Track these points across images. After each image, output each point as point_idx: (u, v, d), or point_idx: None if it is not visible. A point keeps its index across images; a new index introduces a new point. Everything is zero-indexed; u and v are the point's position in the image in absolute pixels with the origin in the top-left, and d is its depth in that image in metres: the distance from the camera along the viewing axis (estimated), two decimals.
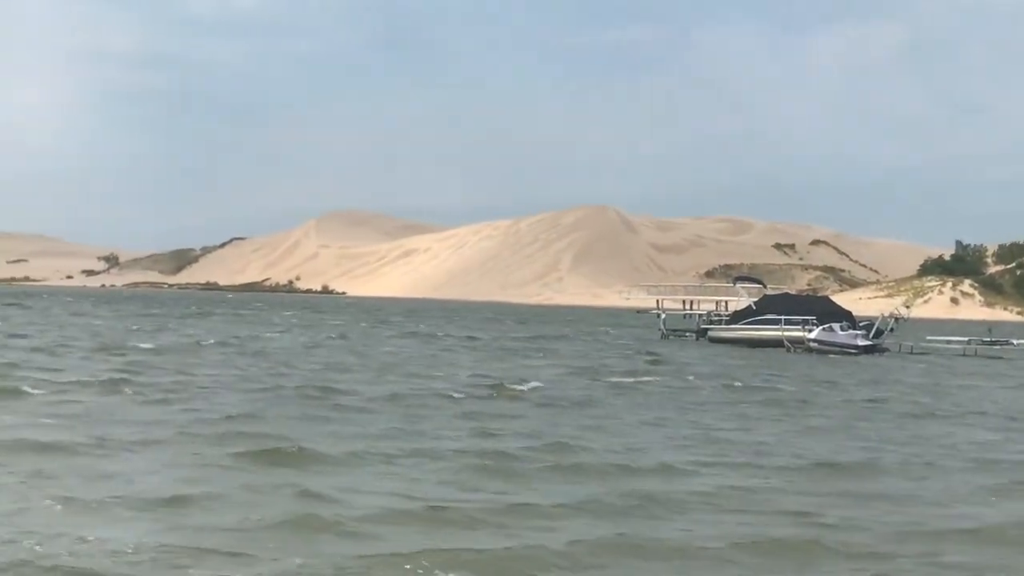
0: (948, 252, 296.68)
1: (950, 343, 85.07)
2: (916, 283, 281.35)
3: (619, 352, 70.10)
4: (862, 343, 75.72)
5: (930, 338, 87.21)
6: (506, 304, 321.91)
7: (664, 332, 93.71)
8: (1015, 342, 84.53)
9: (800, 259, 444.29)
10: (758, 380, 48.49)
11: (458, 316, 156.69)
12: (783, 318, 79.69)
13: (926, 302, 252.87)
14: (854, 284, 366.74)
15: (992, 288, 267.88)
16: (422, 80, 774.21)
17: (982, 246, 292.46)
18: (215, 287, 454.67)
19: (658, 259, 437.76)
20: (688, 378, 47.96)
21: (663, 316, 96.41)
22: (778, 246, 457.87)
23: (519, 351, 67.26)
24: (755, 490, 20.43)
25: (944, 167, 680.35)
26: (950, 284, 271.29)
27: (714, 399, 38.82)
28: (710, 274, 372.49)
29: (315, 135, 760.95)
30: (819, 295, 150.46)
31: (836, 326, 77.93)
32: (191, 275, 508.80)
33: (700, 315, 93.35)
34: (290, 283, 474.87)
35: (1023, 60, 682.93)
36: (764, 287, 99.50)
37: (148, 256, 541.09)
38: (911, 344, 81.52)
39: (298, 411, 30.16)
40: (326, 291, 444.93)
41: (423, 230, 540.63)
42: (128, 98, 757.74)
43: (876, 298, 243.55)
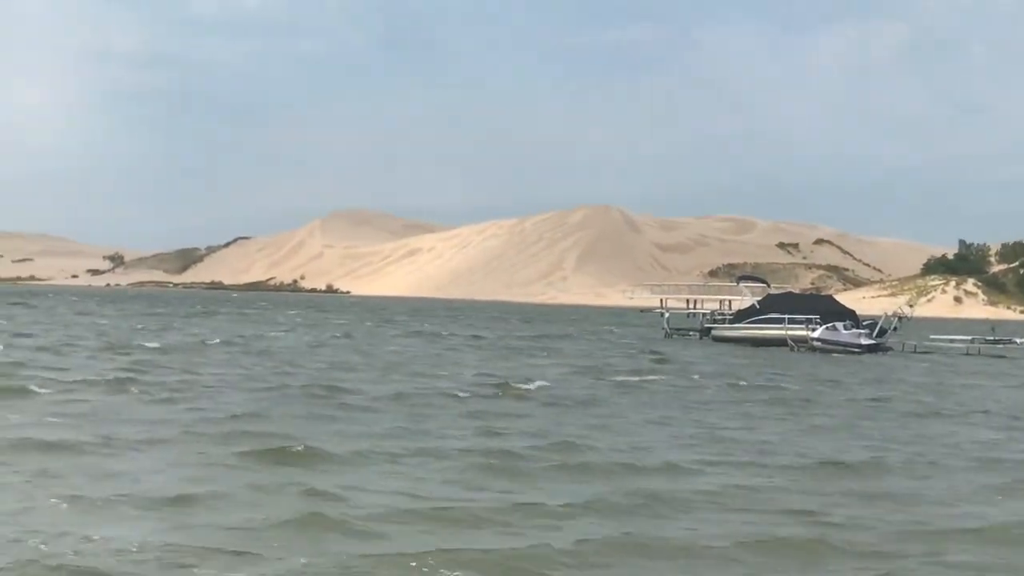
0: (951, 251, 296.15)
1: (953, 342, 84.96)
2: (919, 282, 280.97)
3: (623, 351, 70.11)
4: (865, 342, 75.71)
5: (933, 337, 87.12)
6: (510, 303, 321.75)
7: (668, 331, 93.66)
8: (1018, 341, 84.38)
9: (804, 258, 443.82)
10: (762, 379, 48.50)
11: (463, 315, 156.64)
12: (787, 317, 79.57)
13: (929, 301, 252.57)
14: (857, 283, 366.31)
15: (995, 287, 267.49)
16: (424, 80, 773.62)
17: (985, 245, 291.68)
18: (220, 286, 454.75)
19: (662, 258, 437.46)
20: (693, 377, 47.97)
21: (667, 315, 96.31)
22: (782, 245, 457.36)
23: (524, 350, 67.27)
24: (760, 489, 20.46)
25: (947, 166, 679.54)
26: (953, 283, 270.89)
27: (718, 398, 38.84)
28: (714, 273, 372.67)
29: (319, 135, 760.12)
30: (823, 294, 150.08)
31: (839, 325, 77.88)
32: (196, 274, 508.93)
33: (704, 314, 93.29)
34: (294, 282, 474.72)
35: None
36: (768, 286, 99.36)
37: (153, 255, 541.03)
38: (914, 343, 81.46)
39: (303, 410, 30.18)
40: (330, 290, 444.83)
41: (427, 229, 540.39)
42: (133, 98, 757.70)
43: (879, 297, 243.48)
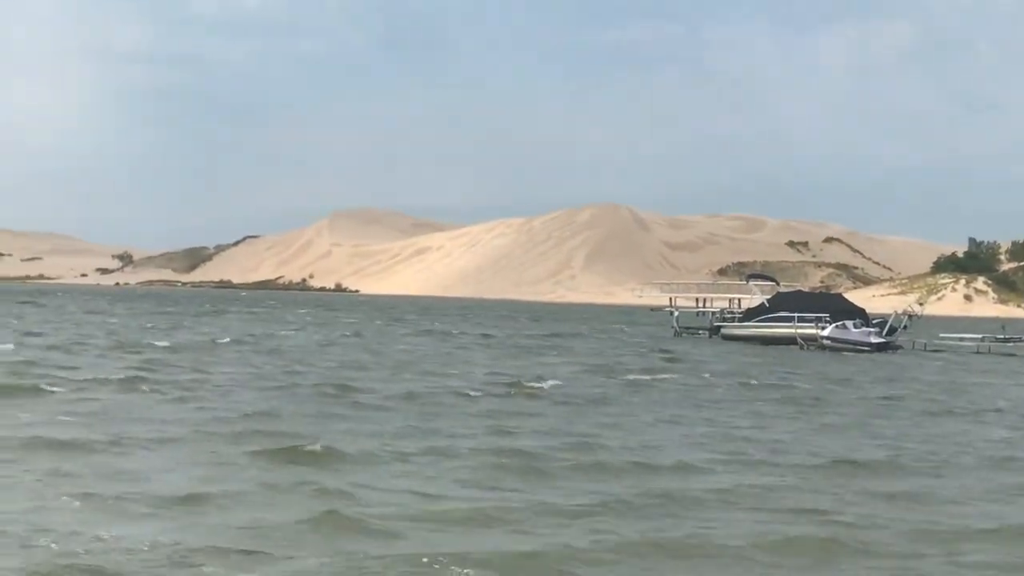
0: (961, 249, 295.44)
1: (963, 340, 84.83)
2: (929, 280, 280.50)
3: (634, 350, 70.06)
4: (875, 340, 75.69)
5: (943, 335, 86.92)
6: (519, 302, 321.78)
7: (677, 330, 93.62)
8: None
9: (813, 256, 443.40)
10: (773, 378, 48.47)
11: (472, 314, 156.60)
12: (796, 315, 79.59)
13: (939, 299, 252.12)
14: (867, 281, 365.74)
15: (1005, 285, 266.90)
16: (425, 80, 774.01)
17: (995, 243, 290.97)
18: (229, 285, 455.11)
19: (671, 257, 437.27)
20: (704, 376, 47.95)
21: (676, 314, 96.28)
22: (791, 244, 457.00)
23: (534, 349, 67.26)
24: (773, 488, 20.42)
25: (957, 165, 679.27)
26: (963, 281, 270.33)
27: (730, 397, 38.79)
28: (723, 272, 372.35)
29: (326, 134, 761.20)
30: (832, 292, 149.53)
31: (849, 323, 77.90)
32: (205, 273, 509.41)
33: (713, 313, 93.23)
34: (303, 281, 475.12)
35: None
36: (777, 284, 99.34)
37: (162, 254, 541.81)
38: (924, 341, 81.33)
39: (314, 409, 30.19)
40: (339, 289, 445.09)
41: (435, 228, 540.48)
42: (141, 97, 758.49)
43: (889, 295, 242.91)
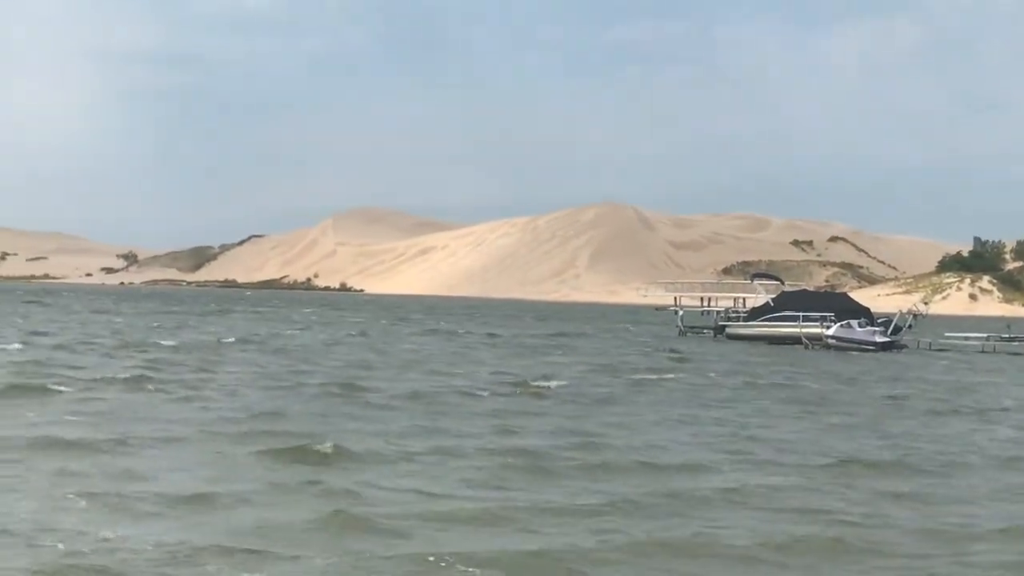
0: (966, 248, 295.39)
1: (968, 340, 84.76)
2: (934, 279, 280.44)
3: (639, 349, 70.06)
4: (880, 340, 75.66)
5: (948, 335, 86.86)
6: (524, 301, 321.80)
7: (682, 329, 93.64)
8: None
9: (818, 256, 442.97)
10: (779, 377, 48.45)
11: (478, 313, 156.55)
12: (801, 315, 79.60)
13: (944, 298, 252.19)
14: (872, 280, 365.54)
15: (1011, 284, 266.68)
16: (430, 79, 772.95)
17: (1000, 242, 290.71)
18: (233, 284, 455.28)
19: (675, 256, 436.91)
20: (710, 375, 47.98)
21: (681, 313, 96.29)
22: (796, 243, 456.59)
23: (540, 348, 67.25)
24: (779, 488, 20.41)
25: (962, 164, 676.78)
26: (968, 280, 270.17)
27: (736, 396, 38.76)
28: (728, 271, 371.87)
29: (329, 133, 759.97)
30: (837, 291, 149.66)
31: (854, 323, 77.87)
32: (210, 272, 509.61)
33: (718, 312, 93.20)
34: (308, 280, 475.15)
35: None
36: (782, 284, 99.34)
37: (167, 254, 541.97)
38: (929, 341, 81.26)
39: (320, 409, 30.17)
40: (344, 288, 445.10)
41: (439, 227, 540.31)
42: (146, 97, 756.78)
43: (894, 294, 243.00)
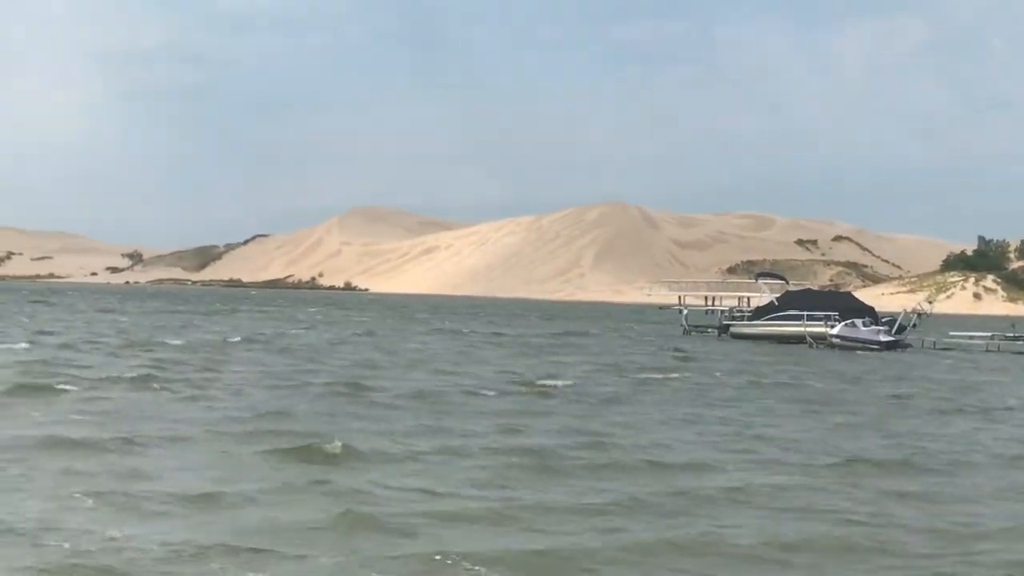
0: (971, 247, 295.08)
1: (973, 339, 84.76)
2: (939, 278, 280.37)
3: (644, 348, 70.03)
4: (884, 339, 75.68)
5: (953, 334, 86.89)
6: (529, 300, 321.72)
7: (686, 328, 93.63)
8: None
9: (822, 255, 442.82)
10: (784, 376, 48.46)
11: (482, 312, 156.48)
12: (805, 314, 79.64)
13: (949, 297, 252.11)
14: (876, 280, 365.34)
15: (1015, 283, 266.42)
16: (432, 79, 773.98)
17: (1005, 241, 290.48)
18: (238, 284, 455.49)
19: (680, 255, 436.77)
20: (715, 374, 47.98)
21: (685, 312, 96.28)
22: (800, 242, 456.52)
23: (545, 347, 67.24)
24: (785, 487, 20.41)
25: (966, 163, 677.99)
26: (973, 279, 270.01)
27: (741, 395, 38.76)
28: (732, 270, 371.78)
29: (333, 133, 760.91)
30: (841, 291, 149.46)
31: (858, 322, 77.87)
32: (215, 272, 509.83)
33: (722, 311, 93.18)
34: (313, 280, 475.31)
35: None
36: (786, 283, 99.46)
37: (172, 253, 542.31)
38: (934, 340, 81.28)
39: (327, 408, 30.18)
40: (349, 288, 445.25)
41: (443, 227, 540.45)
42: (151, 96, 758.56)
43: (899, 294, 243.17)
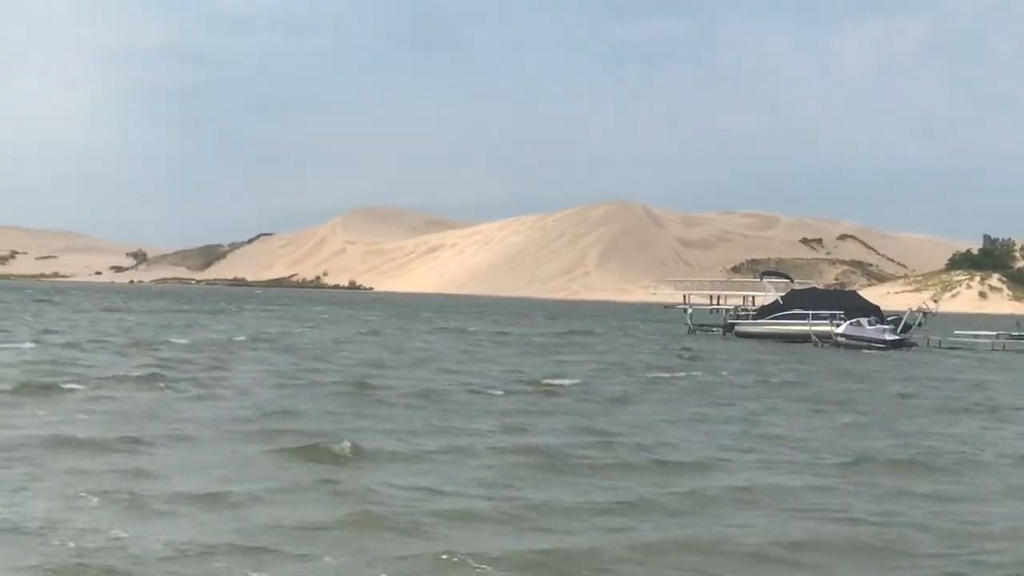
0: (976, 246, 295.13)
1: (978, 337, 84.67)
2: (944, 277, 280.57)
3: (650, 347, 70.00)
4: (890, 338, 75.60)
5: (958, 332, 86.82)
6: (533, 299, 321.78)
7: (691, 327, 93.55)
8: None
9: (827, 253, 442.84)
10: (790, 375, 48.42)
11: (487, 311, 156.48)
12: (810, 313, 79.63)
13: (954, 296, 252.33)
14: (882, 278, 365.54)
15: (1020, 282, 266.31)
16: (437, 78, 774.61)
17: (1010, 240, 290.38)
18: (243, 283, 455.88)
19: (684, 254, 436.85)
20: (722, 374, 47.93)
21: (690, 311, 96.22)
22: (805, 241, 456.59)
23: (551, 346, 67.23)
24: (792, 486, 20.37)
25: (971, 161, 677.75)
26: (978, 278, 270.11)
27: (747, 395, 38.68)
28: (737, 269, 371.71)
29: (338, 132, 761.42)
30: (846, 290, 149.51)
31: (864, 320, 77.82)
32: (219, 271, 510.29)
33: (727, 310, 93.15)
34: (317, 279, 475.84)
35: None
36: (791, 282, 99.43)
37: (176, 252, 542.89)
38: (939, 339, 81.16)
39: (333, 407, 30.13)
40: (353, 287, 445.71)
41: (448, 226, 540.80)
42: (155, 95, 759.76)
43: (904, 292, 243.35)
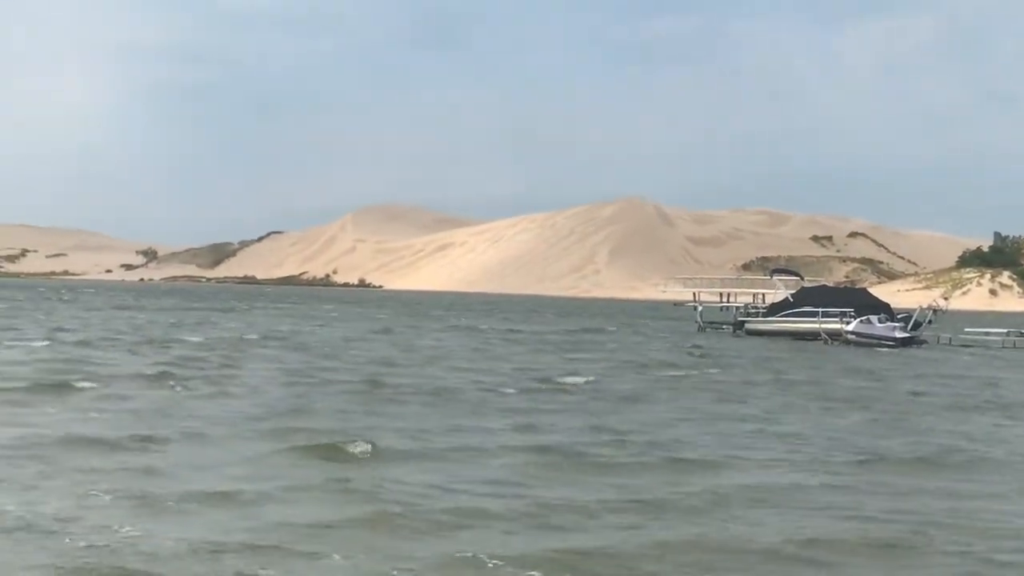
0: (986, 244, 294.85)
1: (989, 335, 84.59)
2: (954, 275, 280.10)
3: (660, 345, 69.99)
4: (900, 335, 75.47)
5: (968, 330, 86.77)
6: (544, 297, 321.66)
7: (701, 325, 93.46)
8: None
9: (837, 251, 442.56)
10: (800, 373, 48.34)
11: (498, 309, 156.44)
12: (820, 310, 79.66)
13: (964, 294, 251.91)
14: (892, 276, 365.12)
15: None
16: (448, 77, 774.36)
17: (1021, 238, 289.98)
18: (253, 281, 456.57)
19: (695, 252, 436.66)
20: (733, 371, 47.91)
21: (700, 309, 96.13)
22: (815, 238, 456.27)
23: (562, 344, 67.19)
24: (805, 484, 20.34)
25: (981, 159, 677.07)
26: (988, 276, 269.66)
27: (758, 392, 38.64)
28: (747, 267, 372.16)
29: (346, 131, 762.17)
30: (857, 287, 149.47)
31: (874, 318, 77.72)
32: (229, 269, 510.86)
33: (737, 307, 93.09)
34: (327, 277, 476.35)
35: None
36: (801, 279, 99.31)
37: (186, 250, 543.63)
38: (949, 336, 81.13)
39: (345, 405, 30.13)
40: (363, 284, 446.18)
41: (457, 224, 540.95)
42: (166, 94, 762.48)
43: (914, 290, 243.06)
